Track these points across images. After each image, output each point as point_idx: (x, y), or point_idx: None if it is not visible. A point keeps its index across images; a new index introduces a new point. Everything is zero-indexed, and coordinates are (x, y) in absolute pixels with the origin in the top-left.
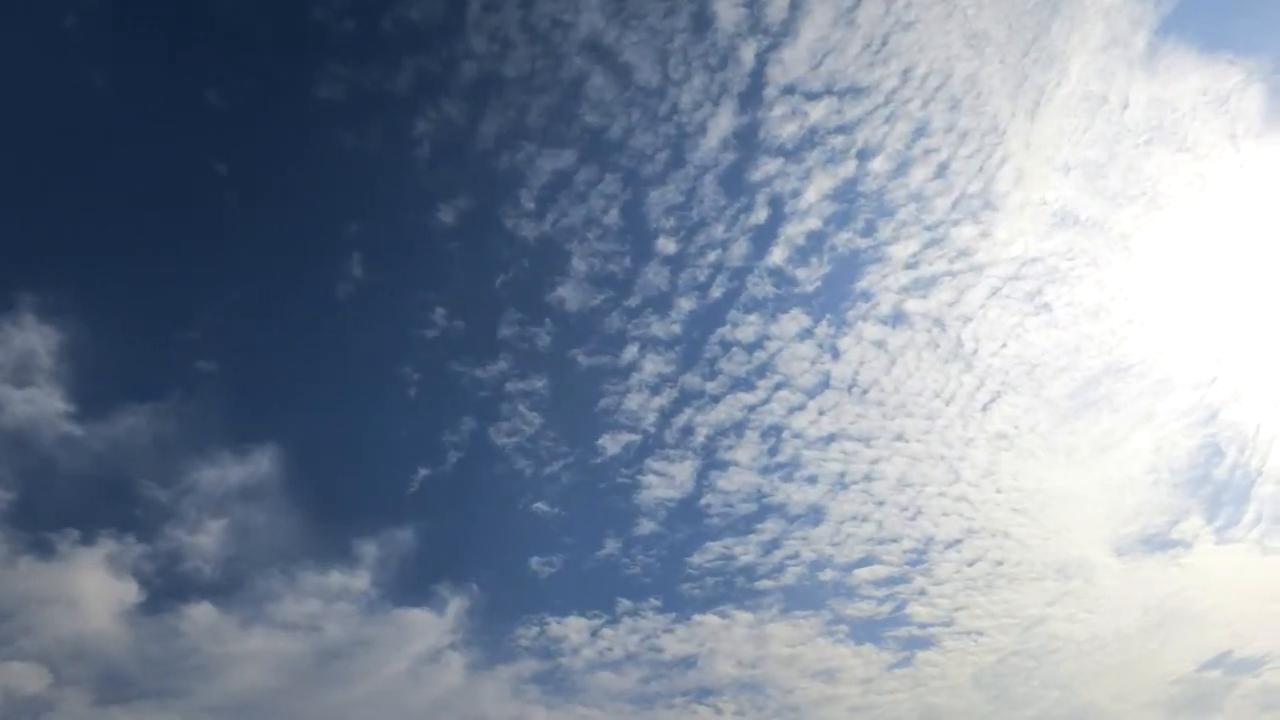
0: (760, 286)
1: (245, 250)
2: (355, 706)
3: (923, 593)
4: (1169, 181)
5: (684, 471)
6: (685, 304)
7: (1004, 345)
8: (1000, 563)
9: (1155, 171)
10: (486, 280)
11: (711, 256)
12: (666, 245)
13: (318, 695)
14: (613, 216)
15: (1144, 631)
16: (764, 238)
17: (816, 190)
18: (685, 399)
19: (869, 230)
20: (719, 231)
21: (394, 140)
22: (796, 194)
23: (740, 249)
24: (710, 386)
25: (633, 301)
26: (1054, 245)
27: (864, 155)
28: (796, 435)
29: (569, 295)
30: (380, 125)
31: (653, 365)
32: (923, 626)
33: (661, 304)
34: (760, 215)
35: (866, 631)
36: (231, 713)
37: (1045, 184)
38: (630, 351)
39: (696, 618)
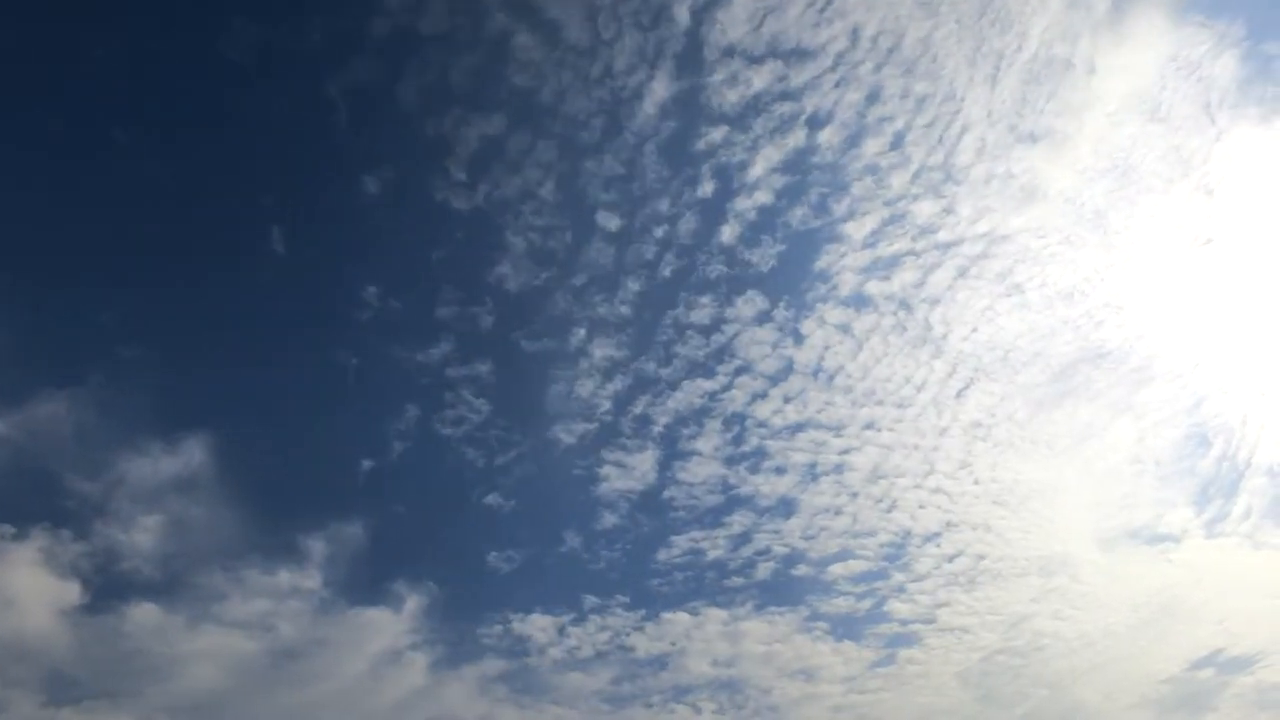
0: (712, 265)
1: (156, 224)
2: (316, 707)
3: (902, 589)
4: (1142, 154)
5: (644, 462)
6: (633, 284)
7: (975, 329)
8: (982, 557)
9: (1127, 143)
10: (420, 256)
11: (658, 232)
12: (609, 220)
13: (275, 696)
14: (549, 189)
15: (1133, 629)
16: (713, 213)
17: (765, 162)
18: (640, 385)
19: (823, 206)
20: (664, 206)
21: (307, 103)
22: (744, 166)
23: (688, 225)
24: (665, 372)
25: (577, 280)
26: (1023, 222)
27: (813, 123)
28: (761, 424)
29: (509, 273)
30: (291, 87)
31: (602, 349)
32: (904, 623)
33: (608, 283)
34: (707, 188)
35: (846, 628)
36: (187, 713)
37: (1010, 156)
38: (578, 334)
39: (666, 615)
